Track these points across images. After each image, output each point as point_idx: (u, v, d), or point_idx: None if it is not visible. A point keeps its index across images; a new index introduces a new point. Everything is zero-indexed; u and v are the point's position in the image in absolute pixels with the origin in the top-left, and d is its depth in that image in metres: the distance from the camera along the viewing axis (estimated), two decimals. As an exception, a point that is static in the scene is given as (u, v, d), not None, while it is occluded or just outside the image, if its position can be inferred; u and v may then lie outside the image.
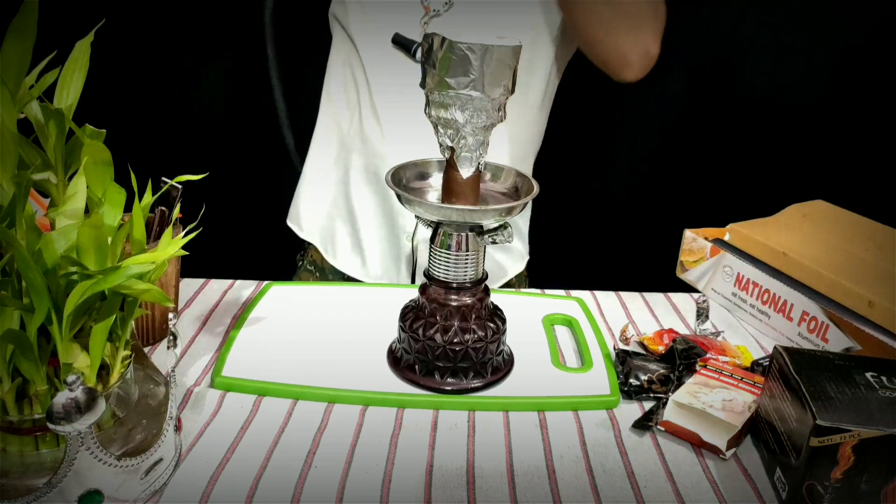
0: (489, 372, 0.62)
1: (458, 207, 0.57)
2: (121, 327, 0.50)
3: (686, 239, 0.85)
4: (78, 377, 0.41)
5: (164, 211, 0.65)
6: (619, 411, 0.61)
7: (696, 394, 0.59)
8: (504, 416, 0.59)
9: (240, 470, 0.51)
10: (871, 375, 0.53)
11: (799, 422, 0.50)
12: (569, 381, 0.63)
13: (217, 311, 0.74)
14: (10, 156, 0.45)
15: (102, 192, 0.49)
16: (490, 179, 0.64)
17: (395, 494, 0.50)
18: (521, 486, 0.51)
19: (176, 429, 0.51)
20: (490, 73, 0.53)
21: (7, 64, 0.45)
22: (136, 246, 0.51)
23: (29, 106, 0.48)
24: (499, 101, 0.55)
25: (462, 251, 0.59)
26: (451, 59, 0.52)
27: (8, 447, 0.46)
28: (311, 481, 0.51)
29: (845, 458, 0.48)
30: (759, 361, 0.67)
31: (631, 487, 0.52)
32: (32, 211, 0.45)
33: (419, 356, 0.61)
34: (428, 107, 0.56)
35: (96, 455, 0.43)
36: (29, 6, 0.44)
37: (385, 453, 0.54)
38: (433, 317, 0.60)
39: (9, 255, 0.45)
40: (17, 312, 0.45)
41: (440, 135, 0.57)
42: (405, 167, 0.63)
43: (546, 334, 0.71)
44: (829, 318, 0.69)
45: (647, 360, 0.65)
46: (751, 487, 0.53)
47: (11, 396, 0.46)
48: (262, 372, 0.61)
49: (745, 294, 0.79)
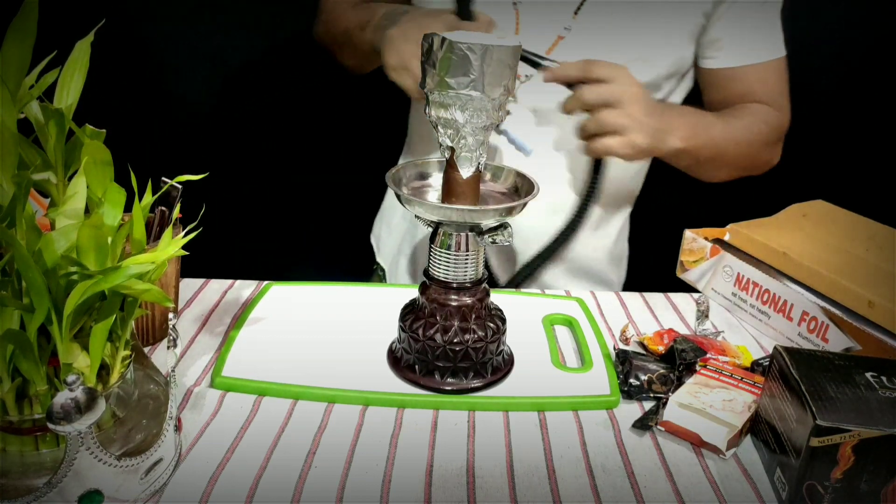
0: (489, 372, 0.62)
1: (457, 207, 0.57)
2: (121, 327, 0.50)
3: (686, 239, 0.85)
4: (78, 377, 0.41)
5: (164, 211, 0.65)
6: (619, 411, 0.61)
7: (696, 394, 0.59)
8: (504, 416, 0.59)
9: (240, 470, 0.51)
10: (871, 375, 0.53)
11: (799, 422, 0.50)
12: (569, 381, 0.63)
13: (217, 311, 0.74)
14: (10, 156, 0.45)
15: (102, 192, 0.49)
16: (490, 179, 0.64)
17: (395, 494, 0.50)
18: (521, 486, 0.51)
19: (176, 429, 0.51)
20: (490, 74, 0.53)
21: (7, 64, 0.45)
22: (136, 246, 0.51)
23: (29, 106, 0.48)
24: (499, 101, 0.55)
25: (462, 251, 0.59)
26: (451, 59, 0.52)
27: (8, 447, 0.46)
28: (311, 481, 0.51)
29: (845, 458, 0.48)
30: (759, 361, 0.67)
31: (631, 487, 0.52)
32: (32, 211, 0.45)
33: (419, 356, 0.61)
34: (428, 106, 0.56)
35: (96, 455, 0.43)
36: (29, 6, 0.44)
37: (385, 453, 0.54)
38: (433, 317, 0.60)
39: (9, 255, 0.45)
40: (17, 312, 0.45)
41: (440, 135, 0.57)
42: (405, 167, 0.63)
43: (546, 334, 0.71)
44: (829, 318, 0.69)
45: (647, 360, 0.65)
46: (751, 487, 0.53)
47: (11, 396, 0.46)
48: (262, 372, 0.61)
49: (745, 294, 0.79)
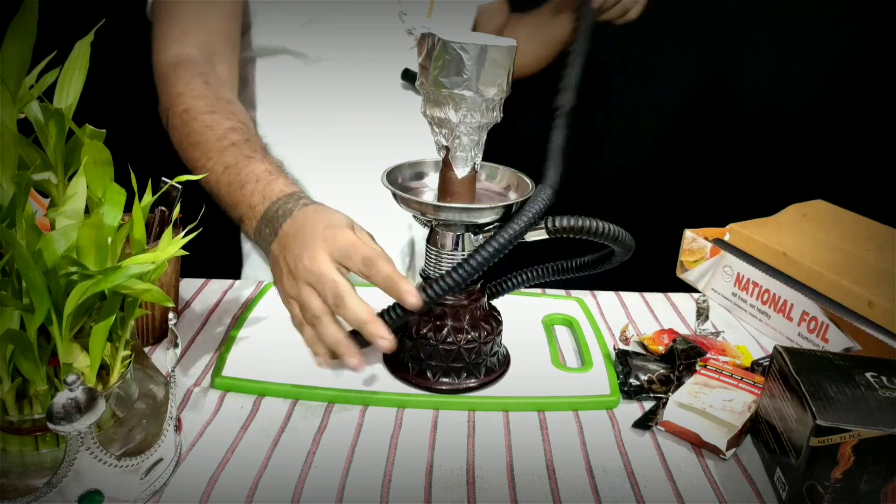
0: (482, 373, 0.62)
1: (453, 207, 0.57)
2: (121, 327, 0.50)
3: (686, 239, 0.85)
4: (78, 377, 0.41)
5: (164, 211, 0.65)
6: (619, 411, 0.61)
7: (697, 394, 0.59)
8: (504, 416, 0.59)
9: (240, 470, 0.51)
10: (871, 375, 0.53)
11: (799, 422, 0.50)
12: (569, 381, 0.63)
13: (217, 311, 0.74)
14: (10, 156, 0.45)
15: (102, 192, 0.49)
16: (486, 179, 0.64)
17: (395, 494, 0.50)
18: (521, 486, 0.51)
19: (176, 429, 0.51)
20: (484, 74, 0.52)
21: (7, 64, 0.45)
22: (136, 246, 0.51)
23: (29, 106, 0.48)
24: (493, 100, 0.55)
25: (458, 250, 0.59)
26: (444, 58, 0.52)
27: (8, 447, 0.46)
28: (311, 481, 0.51)
29: (845, 458, 0.48)
30: (759, 361, 0.67)
31: (631, 487, 0.52)
32: (32, 211, 0.45)
33: (412, 354, 0.61)
34: (423, 105, 0.56)
35: (96, 455, 0.43)
36: (29, 6, 0.44)
37: (385, 453, 0.54)
38: (427, 315, 0.60)
39: (9, 255, 0.45)
40: (17, 312, 0.45)
41: (435, 134, 0.57)
42: (401, 167, 0.63)
43: (546, 334, 0.71)
44: (829, 318, 0.69)
45: (647, 360, 0.65)
46: (751, 487, 0.53)
47: (11, 396, 0.46)
48: (262, 372, 0.61)
49: (745, 294, 0.78)
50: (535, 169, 0.63)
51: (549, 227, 0.56)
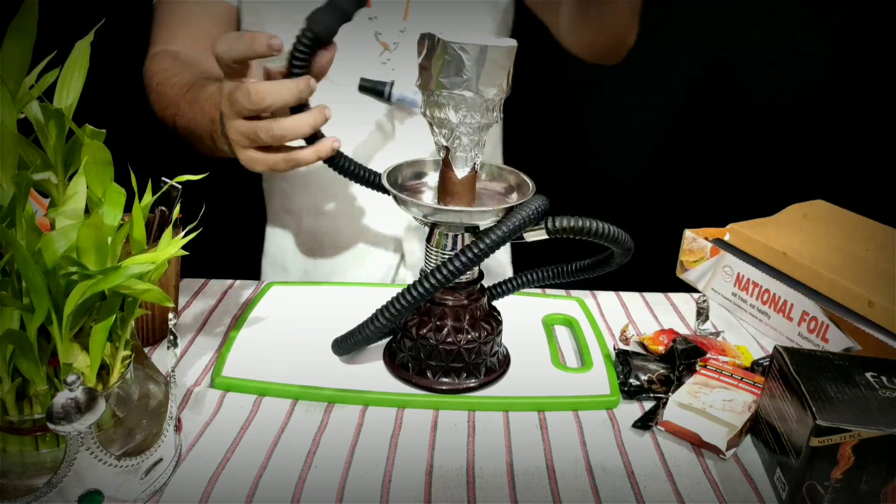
0: (482, 373, 0.62)
1: (453, 208, 0.57)
2: (121, 327, 0.50)
3: (686, 239, 0.85)
4: (78, 377, 0.41)
5: (164, 211, 0.65)
6: (619, 411, 0.61)
7: (697, 394, 0.59)
8: (504, 416, 0.59)
9: (240, 470, 0.51)
10: (871, 375, 0.53)
11: (799, 422, 0.50)
12: (569, 381, 0.63)
13: (217, 311, 0.74)
14: (10, 156, 0.45)
15: (102, 192, 0.49)
16: (486, 179, 0.64)
17: (395, 494, 0.50)
18: (521, 486, 0.51)
19: (176, 429, 0.51)
20: (484, 74, 0.52)
21: (7, 64, 0.45)
22: (136, 246, 0.51)
23: (29, 106, 0.48)
24: (493, 101, 0.55)
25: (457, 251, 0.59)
26: (444, 59, 0.52)
27: (8, 447, 0.46)
28: (311, 481, 0.51)
29: (845, 458, 0.48)
30: (759, 361, 0.67)
31: (631, 487, 0.52)
32: (32, 211, 0.45)
33: (412, 354, 0.61)
34: (424, 105, 0.56)
35: (96, 455, 0.43)
36: (29, 6, 0.44)
37: (385, 453, 0.54)
38: (427, 315, 0.60)
39: (9, 255, 0.44)
40: (17, 312, 0.45)
41: (435, 134, 0.57)
42: (401, 167, 0.63)
43: (546, 334, 0.71)
44: (829, 318, 0.69)
45: (647, 360, 0.65)
46: (751, 487, 0.53)
47: (11, 396, 0.46)
48: (262, 372, 0.61)
49: (745, 294, 0.79)
50: (536, 169, 0.63)
51: (549, 228, 0.56)
